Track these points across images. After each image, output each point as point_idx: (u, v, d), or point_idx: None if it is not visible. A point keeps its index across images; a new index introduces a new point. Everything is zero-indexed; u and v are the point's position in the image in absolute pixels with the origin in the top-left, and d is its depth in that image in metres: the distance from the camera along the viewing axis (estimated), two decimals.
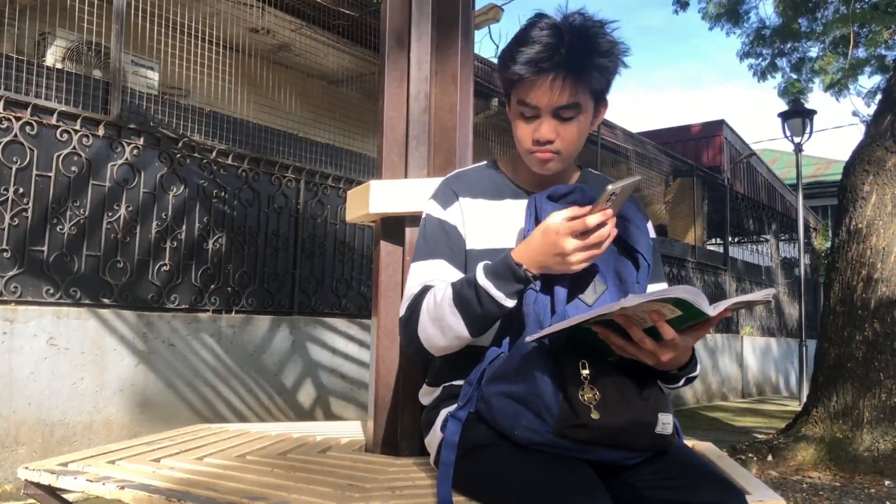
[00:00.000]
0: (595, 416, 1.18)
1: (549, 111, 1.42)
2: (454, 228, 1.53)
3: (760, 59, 9.75)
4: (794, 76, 9.72)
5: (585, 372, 1.21)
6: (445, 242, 1.51)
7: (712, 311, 1.13)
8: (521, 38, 1.40)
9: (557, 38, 1.37)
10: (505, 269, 1.34)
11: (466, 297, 1.35)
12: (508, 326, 1.43)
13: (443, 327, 1.39)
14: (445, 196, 1.57)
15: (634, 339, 1.19)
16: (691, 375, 1.36)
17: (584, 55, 1.37)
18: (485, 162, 1.67)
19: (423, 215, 1.59)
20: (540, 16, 1.43)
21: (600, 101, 1.48)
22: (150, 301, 4.25)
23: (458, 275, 1.48)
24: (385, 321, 1.91)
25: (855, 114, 10.40)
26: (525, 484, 1.20)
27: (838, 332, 4.76)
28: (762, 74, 9.79)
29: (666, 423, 1.24)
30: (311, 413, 5.02)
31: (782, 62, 9.65)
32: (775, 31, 9.16)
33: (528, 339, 1.25)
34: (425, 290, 1.45)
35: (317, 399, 5.07)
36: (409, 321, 1.45)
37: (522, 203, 1.52)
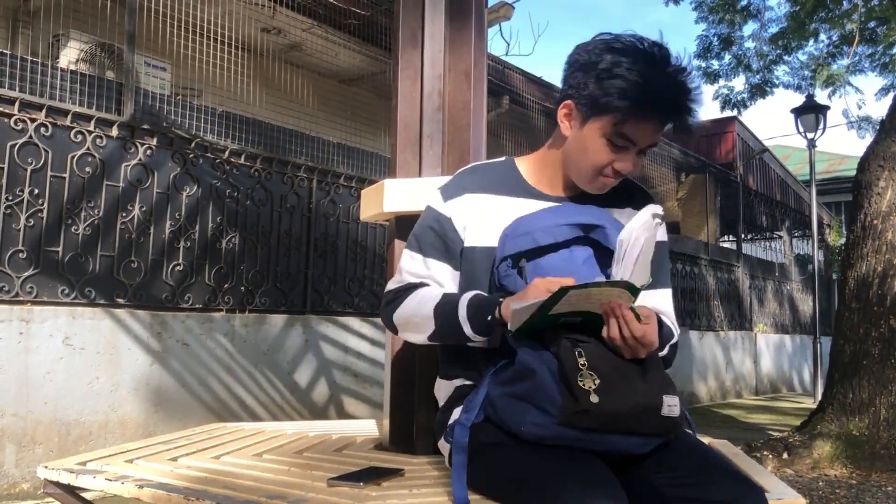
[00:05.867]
0: (595, 399, 1.19)
1: (640, 147, 1.43)
2: (448, 221, 1.54)
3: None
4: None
5: (582, 360, 1.23)
6: (437, 235, 1.54)
7: (627, 275, 1.27)
8: (650, 71, 1.34)
9: (683, 82, 1.36)
10: (485, 306, 1.38)
11: (445, 311, 1.42)
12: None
13: (415, 322, 1.48)
14: (453, 189, 1.57)
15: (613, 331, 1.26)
16: (672, 343, 1.45)
17: (688, 104, 1.37)
18: (503, 158, 1.66)
19: (427, 204, 1.61)
20: (660, 47, 1.37)
21: None
22: (164, 301, 4.27)
23: (446, 270, 1.53)
24: None
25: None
26: (539, 478, 1.20)
27: (853, 329, 4.73)
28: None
29: (672, 404, 1.24)
30: (325, 411, 5.03)
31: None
32: (785, 31, 9.06)
33: (508, 331, 1.31)
34: (420, 285, 1.52)
35: (330, 397, 5.08)
36: (393, 302, 1.53)
37: (535, 204, 1.52)
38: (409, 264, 1.55)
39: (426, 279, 1.53)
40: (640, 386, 1.23)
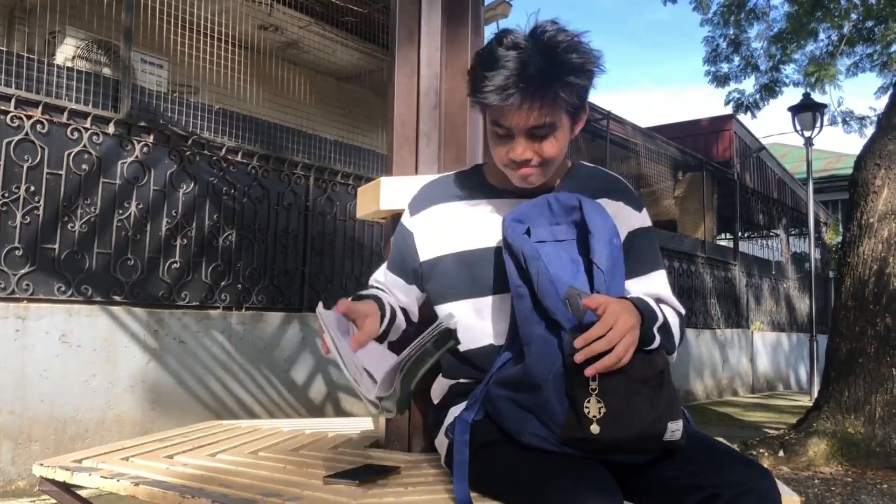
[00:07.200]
0: (595, 430, 1.17)
1: (522, 132, 1.37)
2: (411, 236, 1.58)
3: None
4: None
5: (595, 384, 1.19)
6: (398, 250, 1.61)
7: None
8: (488, 60, 1.34)
9: (524, 60, 1.31)
10: None
11: None
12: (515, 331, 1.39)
13: None
14: (419, 202, 1.60)
15: None
16: (659, 326, 1.31)
17: (552, 77, 1.31)
18: (473, 165, 1.68)
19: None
20: (506, 32, 1.35)
21: (578, 111, 1.41)
22: (161, 298, 4.27)
23: (399, 283, 1.60)
24: None
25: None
26: (535, 477, 1.21)
27: (850, 327, 4.74)
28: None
29: (675, 429, 1.21)
30: (322, 409, 5.03)
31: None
32: (783, 32, 9.05)
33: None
34: (375, 290, 1.62)
35: (327, 395, 5.08)
36: None
37: (499, 202, 1.52)
38: (376, 272, 1.67)
39: (381, 286, 1.64)
40: (646, 413, 1.19)
